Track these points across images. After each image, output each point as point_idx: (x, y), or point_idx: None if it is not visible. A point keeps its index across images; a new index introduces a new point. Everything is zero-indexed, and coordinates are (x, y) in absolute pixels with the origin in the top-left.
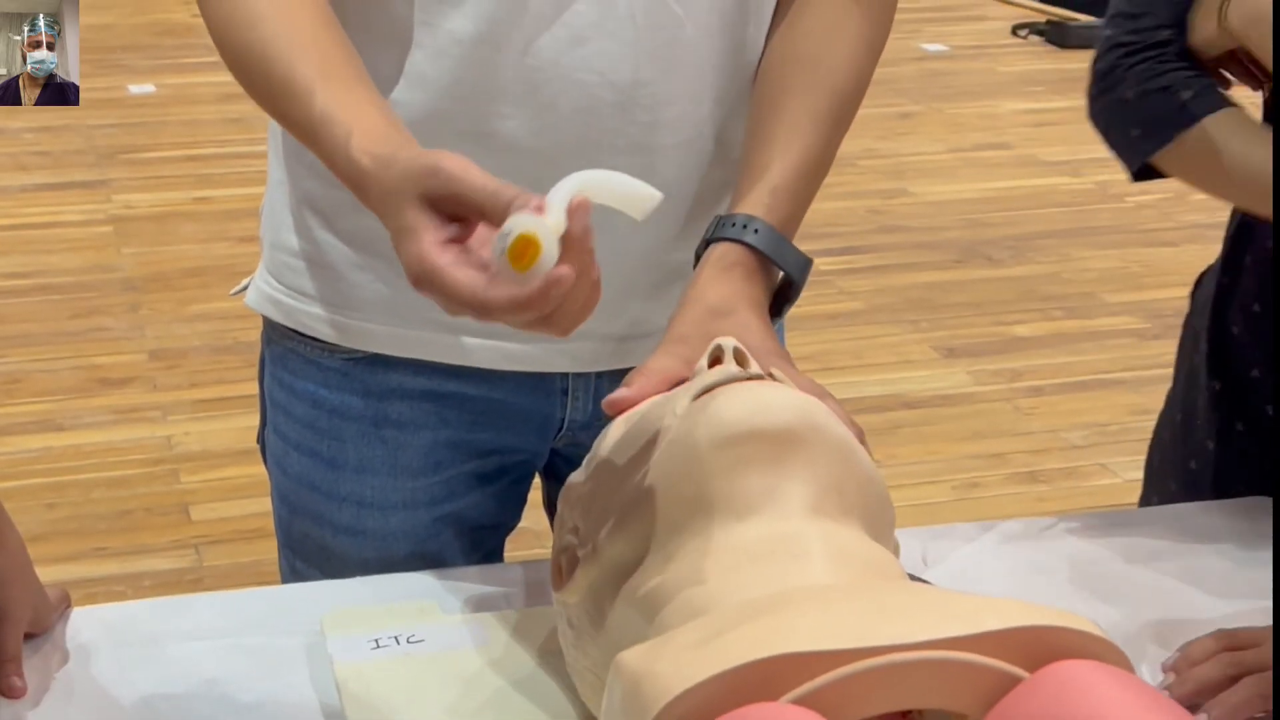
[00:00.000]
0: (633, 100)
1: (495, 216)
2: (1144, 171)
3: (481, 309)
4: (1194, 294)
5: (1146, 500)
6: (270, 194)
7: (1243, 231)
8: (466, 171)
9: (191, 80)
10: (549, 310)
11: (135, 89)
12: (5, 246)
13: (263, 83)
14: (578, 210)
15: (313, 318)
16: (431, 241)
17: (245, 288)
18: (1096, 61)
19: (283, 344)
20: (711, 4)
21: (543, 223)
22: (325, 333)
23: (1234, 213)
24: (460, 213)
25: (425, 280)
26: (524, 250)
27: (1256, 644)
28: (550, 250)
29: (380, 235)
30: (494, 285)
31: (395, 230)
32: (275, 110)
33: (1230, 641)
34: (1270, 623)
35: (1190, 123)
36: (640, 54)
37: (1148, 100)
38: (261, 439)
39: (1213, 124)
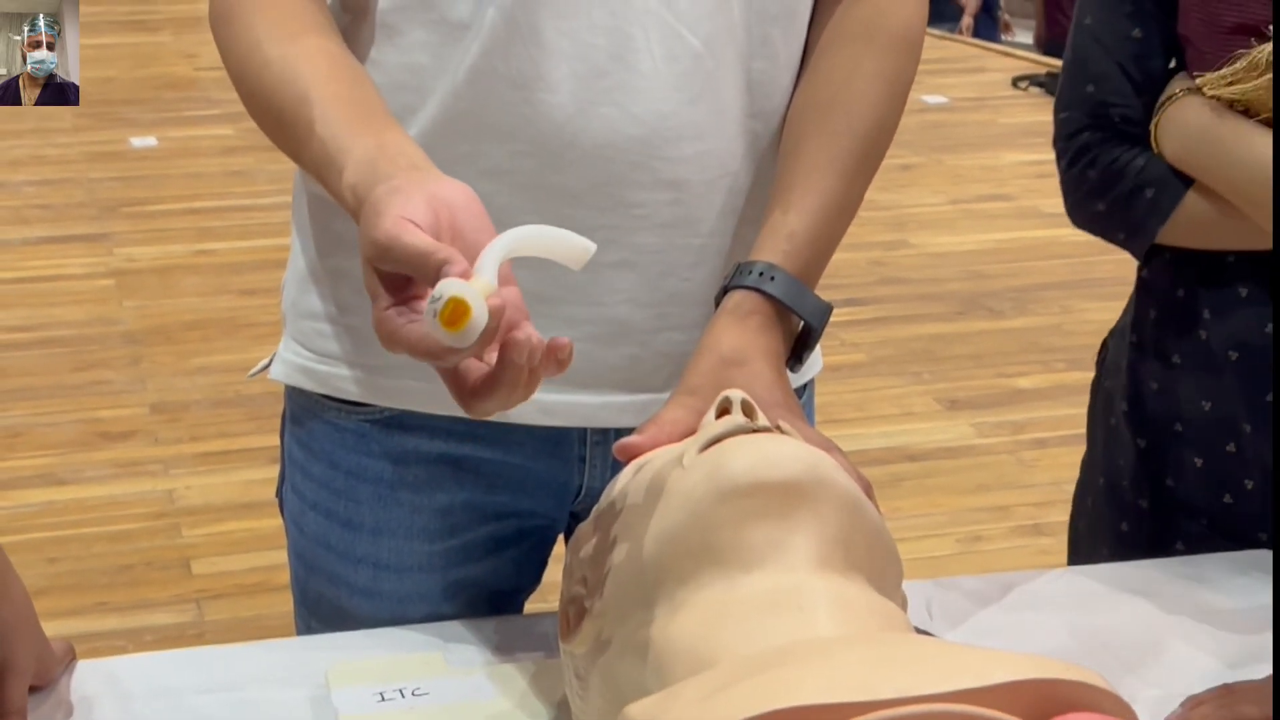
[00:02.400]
0: (656, 134)
1: (427, 280)
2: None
3: (440, 357)
4: (1101, 358)
5: None
6: (293, 263)
7: (1145, 288)
8: (397, 239)
9: (193, 133)
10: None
11: (137, 142)
12: (7, 299)
13: (275, 127)
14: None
15: (345, 379)
16: (381, 309)
17: (266, 367)
18: (1060, 170)
19: (301, 403)
20: (728, 36)
21: (469, 287)
22: (359, 393)
23: (1138, 271)
24: (404, 274)
25: (388, 341)
26: (455, 314)
27: (1259, 699)
28: (480, 311)
29: None
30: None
31: (365, 285)
32: (288, 152)
33: (1232, 696)
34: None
35: (1165, 216)
36: (659, 85)
37: (1118, 209)
38: (280, 494)
39: (1185, 207)
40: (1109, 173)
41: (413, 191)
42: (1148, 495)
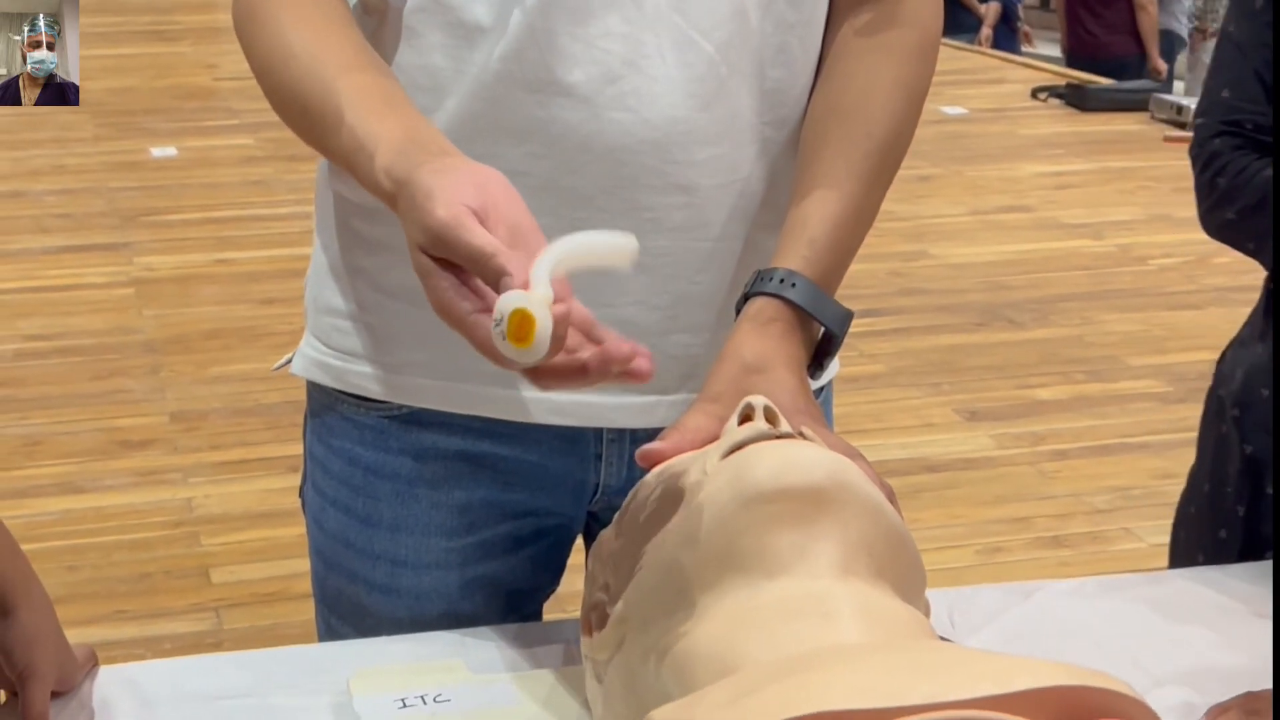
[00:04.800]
0: (669, 138)
1: (484, 279)
2: None
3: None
4: (1219, 366)
5: None
6: (315, 260)
7: (1273, 299)
8: (455, 234)
9: (213, 143)
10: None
11: (157, 152)
12: (27, 308)
13: (301, 118)
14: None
15: (362, 376)
16: (441, 291)
17: (288, 361)
18: (1194, 176)
19: (321, 399)
20: (743, 43)
21: (530, 296)
22: (375, 390)
23: (1266, 282)
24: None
25: (451, 323)
26: (521, 329)
27: None
28: (544, 322)
29: (423, 290)
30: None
31: (414, 264)
32: (315, 143)
33: (1256, 703)
34: None
35: None
36: (673, 90)
37: (1247, 218)
38: (302, 494)
39: None
40: (1239, 181)
41: (457, 174)
42: (1245, 502)
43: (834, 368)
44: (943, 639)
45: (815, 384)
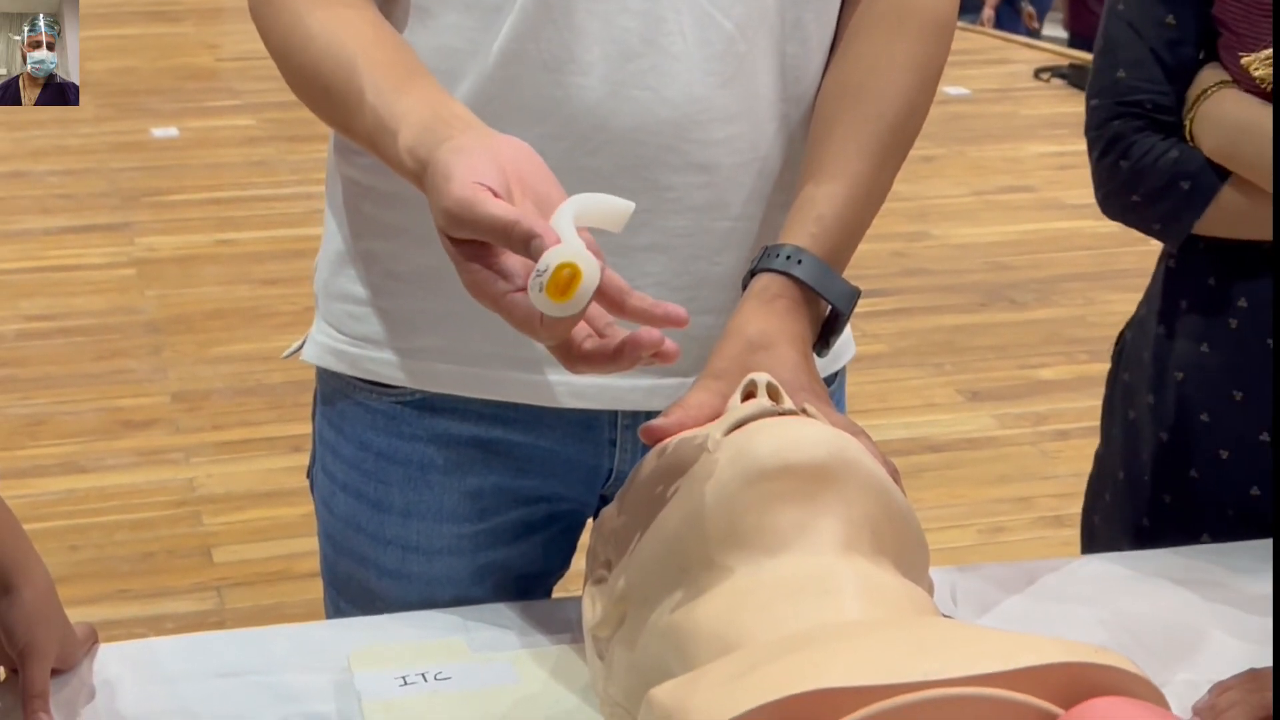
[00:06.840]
0: (688, 117)
1: (512, 248)
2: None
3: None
4: (1118, 351)
5: None
6: (326, 245)
7: (1174, 278)
8: (476, 207)
9: (214, 124)
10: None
11: (159, 132)
12: (29, 289)
13: (322, 99)
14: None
15: (377, 362)
16: (477, 271)
17: (299, 349)
18: (1091, 160)
19: (333, 384)
20: (761, 19)
21: (579, 251)
22: (391, 376)
23: (1160, 260)
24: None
25: (488, 305)
26: (566, 281)
27: None
28: (591, 275)
29: (438, 274)
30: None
31: (444, 247)
32: (337, 124)
33: (1258, 681)
34: None
35: (1201, 208)
36: (693, 69)
37: (1153, 201)
38: (311, 475)
39: (1221, 199)
40: (1142, 165)
41: (476, 149)
42: (1170, 489)
43: (849, 352)
44: (945, 617)
45: (828, 369)
